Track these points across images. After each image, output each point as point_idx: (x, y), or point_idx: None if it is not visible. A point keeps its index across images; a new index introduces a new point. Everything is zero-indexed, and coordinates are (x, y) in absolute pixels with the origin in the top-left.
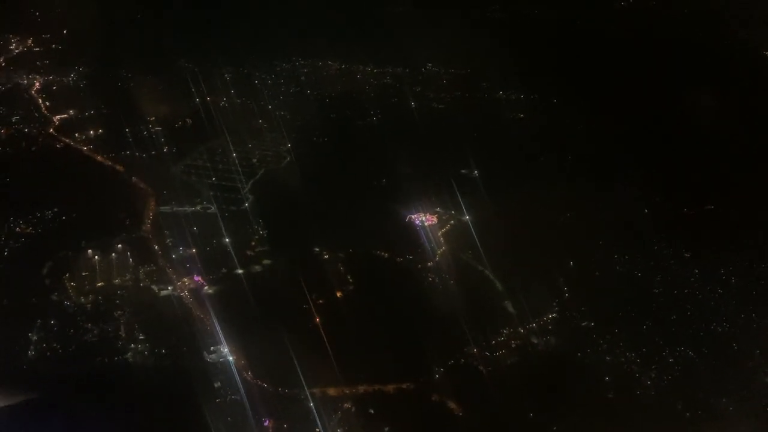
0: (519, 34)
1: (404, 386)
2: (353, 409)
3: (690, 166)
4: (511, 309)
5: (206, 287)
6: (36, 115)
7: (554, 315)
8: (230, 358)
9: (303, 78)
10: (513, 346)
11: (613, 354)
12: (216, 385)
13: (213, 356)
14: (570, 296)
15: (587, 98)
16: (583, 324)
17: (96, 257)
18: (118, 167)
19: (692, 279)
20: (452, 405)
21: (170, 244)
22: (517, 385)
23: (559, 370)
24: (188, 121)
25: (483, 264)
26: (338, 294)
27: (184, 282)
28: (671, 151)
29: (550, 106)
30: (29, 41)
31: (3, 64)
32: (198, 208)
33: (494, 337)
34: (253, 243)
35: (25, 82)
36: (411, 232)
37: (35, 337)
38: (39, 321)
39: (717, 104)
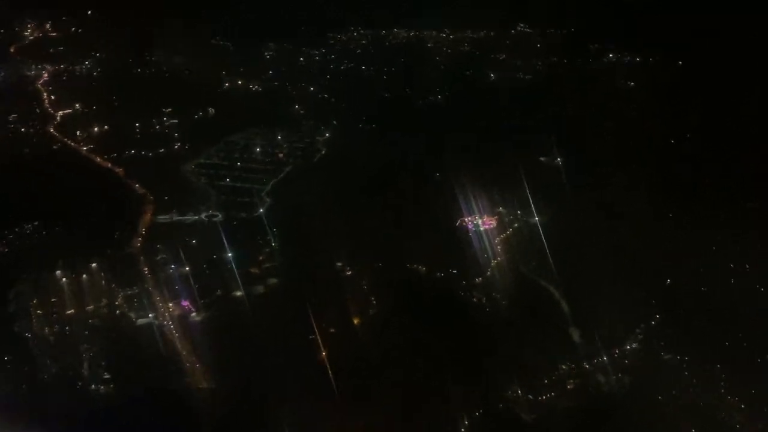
0: None
1: None
2: None
3: None
4: (576, 338)
5: (194, 314)
6: (37, 111)
7: (635, 345)
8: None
9: (359, 51)
10: (570, 386)
11: (706, 398)
12: None
13: (189, 401)
14: (660, 321)
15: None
16: (669, 357)
17: (65, 280)
18: (118, 170)
19: None
20: None
21: (161, 261)
22: None
23: (625, 419)
24: (210, 111)
25: (549, 279)
26: (355, 321)
27: (169, 308)
28: None
29: (670, 73)
30: (47, 25)
31: (12, 54)
32: (203, 216)
33: (547, 374)
34: (261, 258)
35: (33, 72)
36: (461, 239)
37: None
38: None
39: None
